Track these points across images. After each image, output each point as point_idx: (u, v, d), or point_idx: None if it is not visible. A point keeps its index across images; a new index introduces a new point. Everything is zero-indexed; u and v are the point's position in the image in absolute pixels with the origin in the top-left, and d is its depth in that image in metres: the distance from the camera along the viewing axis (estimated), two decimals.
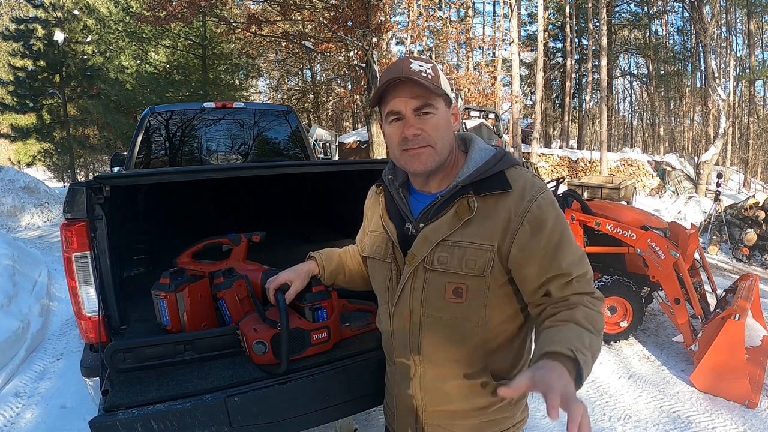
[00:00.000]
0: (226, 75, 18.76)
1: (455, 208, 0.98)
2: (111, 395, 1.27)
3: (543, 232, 0.94)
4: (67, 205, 1.61)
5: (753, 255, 6.56)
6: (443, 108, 1.00)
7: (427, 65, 0.99)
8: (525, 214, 0.94)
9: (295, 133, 4.60)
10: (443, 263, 0.98)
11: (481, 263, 0.95)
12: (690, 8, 15.18)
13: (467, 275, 0.96)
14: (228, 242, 2.10)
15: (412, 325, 1.04)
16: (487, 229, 0.96)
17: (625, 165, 15.10)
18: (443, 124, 1.00)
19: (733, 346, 2.83)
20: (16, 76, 16.50)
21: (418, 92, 0.97)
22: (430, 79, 0.97)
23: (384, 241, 1.10)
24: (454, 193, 0.99)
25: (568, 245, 0.97)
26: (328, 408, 1.42)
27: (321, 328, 1.41)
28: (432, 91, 0.96)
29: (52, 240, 7.78)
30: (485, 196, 0.97)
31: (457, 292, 0.98)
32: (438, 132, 0.99)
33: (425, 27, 16.53)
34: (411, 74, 0.96)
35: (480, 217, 0.97)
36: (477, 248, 0.96)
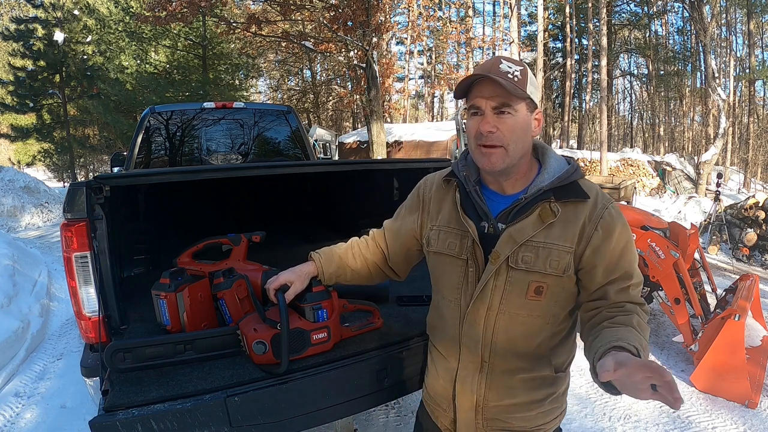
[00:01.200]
0: (226, 75, 18.77)
1: (539, 211, 1.03)
2: (111, 395, 1.27)
3: (612, 237, 1.02)
4: (67, 205, 1.61)
5: (753, 255, 6.56)
6: (524, 111, 1.02)
7: (517, 68, 1.02)
8: (599, 220, 1.02)
9: (295, 133, 4.60)
10: (527, 263, 1.03)
11: (564, 263, 1.02)
12: (690, 8, 15.18)
13: (549, 275, 1.02)
14: (228, 242, 2.10)
15: (487, 321, 1.07)
16: (568, 232, 1.02)
17: (625, 165, 15.09)
18: (520, 126, 1.02)
19: (733, 346, 2.83)
20: (16, 76, 16.50)
21: (499, 92, 1.00)
22: (516, 82, 1.00)
23: (460, 239, 1.10)
24: (537, 197, 1.04)
25: (632, 252, 1.06)
26: (328, 408, 1.42)
27: (321, 328, 1.40)
28: (513, 93, 0.99)
29: (52, 240, 7.78)
30: (565, 202, 1.04)
31: (538, 291, 1.03)
32: (513, 134, 1.02)
33: (425, 27, 16.54)
34: (497, 74, 0.99)
35: (561, 220, 1.03)
36: (560, 250, 1.02)
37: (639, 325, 0.97)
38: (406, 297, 1.97)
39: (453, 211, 1.13)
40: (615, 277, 1.02)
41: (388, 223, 1.34)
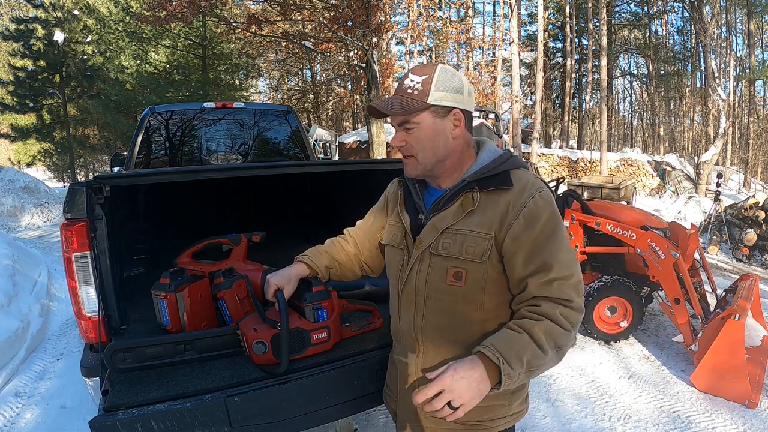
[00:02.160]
0: (226, 75, 18.75)
1: (461, 201, 1.09)
2: (111, 395, 1.27)
3: (535, 227, 1.02)
4: (67, 205, 1.61)
5: (753, 255, 6.55)
6: (428, 120, 1.07)
7: (420, 78, 1.07)
8: (521, 208, 1.03)
9: (295, 133, 4.60)
10: (446, 249, 1.07)
11: (480, 249, 1.04)
12: (690, 8, 15.18)
13: (467, 260, 1.05)
14: (228, 242, 2.11)
15: (416, 306, 1.13)
16: (486, 219, 1.05)
17: (625, 165, 15.09)
18: (426, 135, 1.08)
19: (733, 346, 2.83)
20: (16, 76, 16.49)
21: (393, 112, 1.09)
22: (415, 96, 1.06)
23: (399, 230, 1.20)
24: (461, 188, 1.10)
25: (558, 243, 1.03)
26: (328, 408, 1.42)
27: (321, 328, 1.41)
28: (410, 109, 1.06)
29: (52, 240, 7.78)
30: (489, 191, 1.07)
31: (457, 276, 1.07)
32: (420, 144, 1.09)
33: (425, 27, 16.52)
34: (398, 92, 1.09)
35: (481, 208, 1.07)
36: (476, 236, 1.05)
37: (546, 333, 0.96)
38: None
39: (397, 206, 1.24)
40: (534, 268, 1.01)
41: (360, 222, 1.42)
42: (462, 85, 1.09)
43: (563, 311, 0.99)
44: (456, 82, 1.08)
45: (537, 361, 0.97)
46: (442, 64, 1.11)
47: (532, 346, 0.96)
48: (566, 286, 1.01)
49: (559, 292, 1.00)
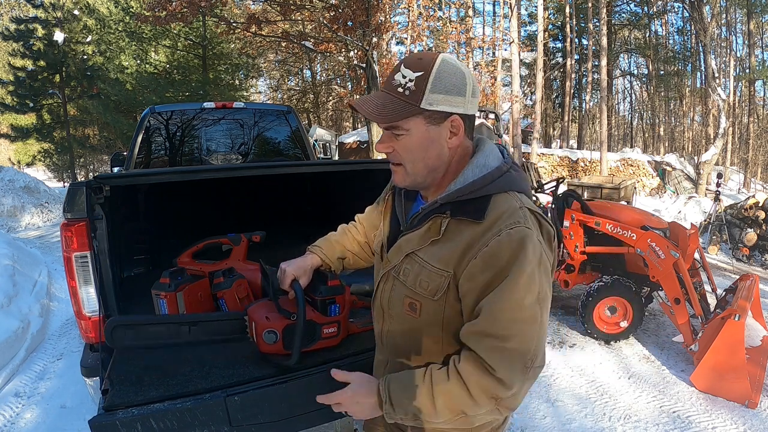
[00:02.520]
0: (226, 75, 18.75)
1: (429, 225, 0.95)
2: (111, 394, 1.27)
3: (492, 270, 0.85)
4: (67, 205, 1.61)
5: (753, 255, 6.56)
6: (420, 127, 0.90)
7: (413, 74, 0.88)
8: (483, 247, 0.86)
9: (295, 133, 4.60)
10: (405, 276, 0.97)
11: (433, 286, 0.92)
12: (690, 8, 15.18)
13: (420, 294, 0.94)
14: (228, 242, 2.11)
15: (383, 320, 1.07)
16: (445, 254, 0.91)
17: (625, 165, 15.09)
18: (416, 144, 0.91)
19: (733, 346, 2.83)
20: (16, 76, 16.49)
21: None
22: (406, 96, 0.88)
23: (380, 238, 1.13)
24: (433, 210, 0.95)
25: (505, 291, 0.83)
26: (328, 408, 1.41)
27: (332, 323, 1.38)
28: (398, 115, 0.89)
29: (52, 240, 7.78)
30: (460, 219, 0.91)
31: (412, 307, 0.96)
32: (408, 153, 0.93)
33: (425, 27, 16.53)
34: (386, 87, 0.91)
35: (445, 239, 0.92)
36: (431, 271, 0.92)
37: (443, 390, 0.87)
38: None
39: (384, 211, 1.15)
40: (470, 313, 0.88)
41: (369, 208, 1.36)
42: (464, 85, 0.90)
43: (481, 380, 0.84)
44: (458, 81, 0.89)
45: (426, 417, 0.89)
46: (444, 55, 0.91)
47: (424, 401, 0.88)
48: (497, 350, 0.83)
49: (488, 354, 0.83)
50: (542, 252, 0.87)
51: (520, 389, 0.87)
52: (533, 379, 0.88)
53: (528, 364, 0.85)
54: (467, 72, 0.91)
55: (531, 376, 0.86)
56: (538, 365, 0.87)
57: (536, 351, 0.85)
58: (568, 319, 4.18)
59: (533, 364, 0.86)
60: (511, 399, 0.87)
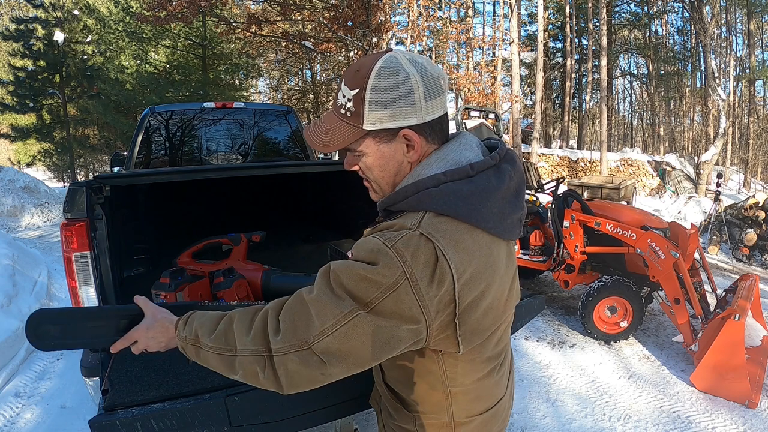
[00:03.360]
0: (226, 75, 18.75)
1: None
2: (111, 395, 1.27)
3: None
4: (67, 205, 1.61)
5: (753, 255, 6.56)
6: (372, 147, 0.83)
7: (351, 92, 0.79)
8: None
9: (295, 133, 4.61)
10: None
11: None
12: (690, 8, 15.17)
13: None
14: (228, 242, 2.11)
15: None
16: None
17: (625, 165, 15.09)
18: (375, 164, 0.85)
19: (733, 346, 2.83)
20: (16, 76, 16.48)
21: None
22: (348, 118, 0.81)
23: None
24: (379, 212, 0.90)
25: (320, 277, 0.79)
26: (328, 408, 1.42)
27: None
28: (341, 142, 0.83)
29: (52, 240, 7.78)
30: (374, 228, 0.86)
31: None
32: (370, 172, 0.87)
33: (425, 27, 16.53)
34: (333, 106, 0.84)
35: None
36: None
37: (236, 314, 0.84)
38: None
39: None
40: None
41: None
42: (411, 92, 0.78)
43: (269, 316, 0.81)
44: (401, 91, 0.77)
45: (202, 337, 0.85)
46: (382, 61, 0.78)
47: (212, 321, 0.86)
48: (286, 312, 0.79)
49: (275, 308, 0.82)
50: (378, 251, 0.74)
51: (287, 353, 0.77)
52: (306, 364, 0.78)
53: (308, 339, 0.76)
54: (415, 73, 0.78)
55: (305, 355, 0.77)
56: (319, 353, 0.77)
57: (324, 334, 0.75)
58: (568, 319, 4.18)
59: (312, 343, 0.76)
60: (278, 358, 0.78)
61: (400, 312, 0.73)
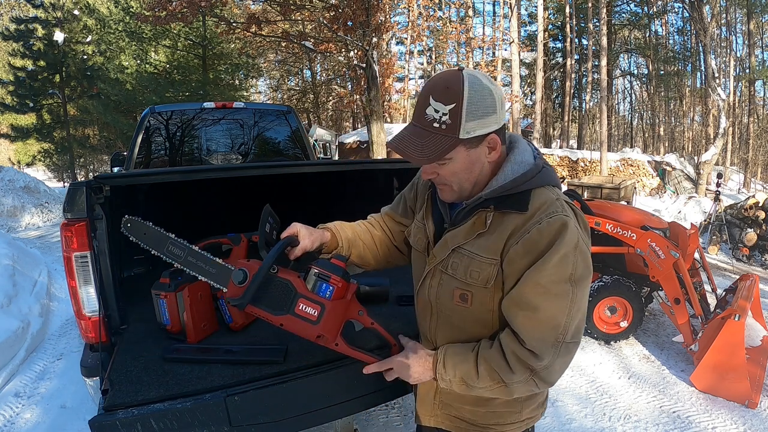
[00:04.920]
0: (226, 75, 18.76)
1: (474, 220, 1.02)
2: (111, 395, 1.27)
3: (531, 256, 0.93)
4: (67, 205, 1.61)
5: (753, 255, 6.56)
6: (462, 154, 0.95)
7: (445, 107, 0.91)
8: (524, 234, 0.94)
9: (295, 133, 4.60)
10: (454, 269, 1.03)
11: (485, 275, 0.99)
12: (690, 8, 15.17)
13: (472, 284, 1.01)
14: (228, 242, 2.11)
15: (431, 315, 1.11)
16: (493, 243, 0.98)
17: (625, 165, 15.09)
18: (461, 168, 0.98)
19: (733, 346, 2.83)
20: (16, 76, 16.49)
21: None
22: (443, 131, 0.92)
23: (424, 236, 1.15)
24: (477, 205, 1.01)
25: (545, 278, 0.91)
26: (328, 408, 1.42)
27: (314, 302, 1.06)
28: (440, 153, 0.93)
29: (52, 240, 7.78)
30: (504, 212, 0.99)
31: (463, 298, 1.02)
32: (454, 176, 0.99)
33: (425, 27, 16.54)
34: (418, 121, 0.95)
35: (491, 231, 0.99)
36: (482, 261, 0.99)
37: (484, 357, 0.98)
38: (406, 297, 1.97)
39: (425, 208, 1.16)
40: (512, 294, 0.95)
41: (387, 208, 1.36)
42: (494, 102, 0.93)
43: (516, 350, 0.94)
44: (489, 102, 0.92)
45: (471, 382, 1.00)
46: (469, 77, 0.92)
47: (469, 366, 0.99)
48: (534, 329, 0.92)
49: (522, 331, 0.93)
50: (579, 237, 0.94)
51: (552, 362, 0.94)
52: (567, 354, 0.95)
53: (559, 339, 0.93)
54: (493, 86, 0.94)
55: (563, 351, 0.94)
56: (571, 341, 0.94)
57: (567, 326, 0.93)
58: None
59: (564, 339, 0.93)
60: (545, 372, 0.95)
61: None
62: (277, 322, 1.07)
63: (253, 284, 1.03)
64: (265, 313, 1.06)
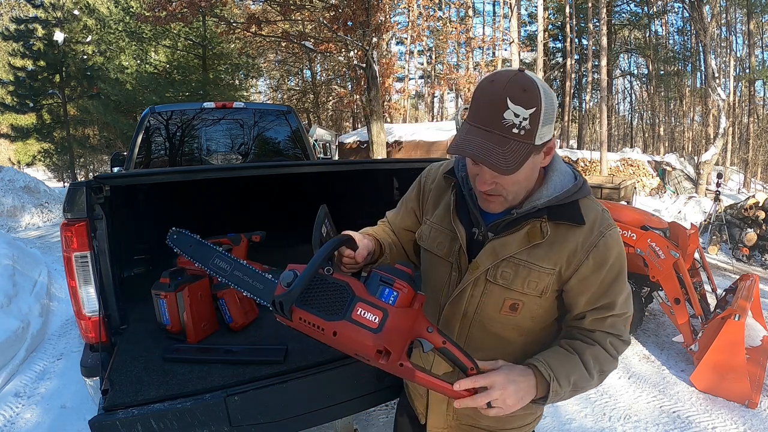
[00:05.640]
0: (226, 75, 18.77)
1: (527, 229, 0.98)
2: (111, 395, 1.27)
3: (603, 268, 0.96)
4: (67, 205, 1.61)
5: (753, 255, 6.55)
6: (529, 160, 0.89)
7: (527, 112, 0.84)
8: (591, 249, 0.96)
9: (295, 133, 4.60)
10: (506, 279, 0.99)
11: (542, 285, 0.98)
12: (690, 8, 15.17)
13: (527, 294, 0.99)
14: (228, 242, 2.11)
15: (461, 326, 1.06)
16: (553, 255, 0.97)
17: (625, 165, 15.08)
18: (524, 176, 0.94)
19: (733, 346, 2.83)
20: (16, 76, 16.49)
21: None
22: (522, 137, 0.85)
23: (449, 240, 1.07)
24: (530, 214, 0.98)
25: (621, 283, 1.00)
26: (328, 408, 1.42)
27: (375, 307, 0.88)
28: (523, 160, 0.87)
29: (52, 240, 7.78)
30: (558, 223, 0.97)
31: (513, 307, 1.01)
32: (515, 186, 0.94)
33: (425, 27, 16.54)
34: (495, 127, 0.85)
35: (549, 242, 0.97)
36: (541, 271, 0.97)
37: (595, 357, 0.97)
38: None
39: (447, 211, 1.09)
40: (597, 306, 0.99)
41: (391, 214, 1.28)
42: (557, 107, 0.92)
43: (613, 341, 1.00)
44: (556, 105, 0.91)
45: (582, 383, 0.97)
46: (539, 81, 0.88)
47: (580, 368, 0.96)
48: (619, 322, 1.01)
49: (613, 327, 1.00)
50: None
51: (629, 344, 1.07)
52: None
53: (629, 324, 1.05)
54: (552, 92, 0.91)
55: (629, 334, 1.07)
56: None
57: None
58: None
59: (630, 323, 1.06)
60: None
61: None
62: (331, 330, 0.88)
63: (301, 279, 0.88)
64: (316, 318, 0.89)
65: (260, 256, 2.14)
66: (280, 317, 0.91)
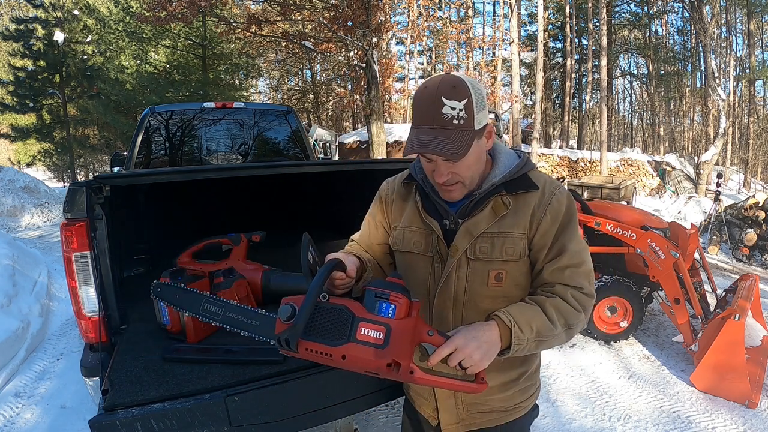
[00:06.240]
0: (226, 75, 18.75)
1: (491, 205, 1.09)
2: (111, 395, 1.27)
3: (558, 220, 1.08)
4: (67, 205, 1.61)
5: (753, 255, 6.55)
6: (475, 146, 1.02)
7: (460, 103, 0.98)
8: (547, 205, 1.08)
9: (295, 133, 4.60)
10: (485, 252, 1.09)
11: (519, 249, 1.08)
12: (690, 8, 15.17)
13: (507, 261, 1.08)
14: (228, 242, 2.11)
15: (454, 311, 1.12)
16: (519, 220, 1.08)
17: (625, 165, 15.09)
18: (474, 160, 1.06)
19: (733, 346, 2.83)
20: (16, 76, 16.48)
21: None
22: (463, 126, 0.99)
23: (425, 236, 1.15)
24: (490, 192, 1.09)
25: (571, 231, 1.09)
26: (328, 408, 1.42)
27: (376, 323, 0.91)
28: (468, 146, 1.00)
29: (52, 240, 7.78)
30: (516, 194, 1.09)
31: (498, 277, 1.09)
32: (468, 170, 1.06)
33: (425, 27, 16.55)
34: (436, 123, 0.98)
35: (513, 211, 1.09)
36: (514, 236, 1.08)
37: (556, 308, 1.03)
38: None
39: (415, 211, 1.17)
40: (552, 256, 1.08)
41: (357, 236, 1.31)
42: (485, 95, 1.06)
43: (574, 293, 1.06)
44: (484, 93, 1.05)
45: (546, 332, 1.02)
46: (462, 76, 1.02)
47: (542, 316, 1.02)
48: (577, 274, 1.07)
49: (571, 280, 1.06)
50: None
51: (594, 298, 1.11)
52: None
53: (592, 278, 1.11)
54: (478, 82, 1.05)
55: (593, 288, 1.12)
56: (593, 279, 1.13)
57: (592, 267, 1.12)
58: None
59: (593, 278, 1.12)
60: (590, 308, 1.10)
61: None
62: (339, 355, 0.90)
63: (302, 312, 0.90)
64: (322, 346, 0.91)
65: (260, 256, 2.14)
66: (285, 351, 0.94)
